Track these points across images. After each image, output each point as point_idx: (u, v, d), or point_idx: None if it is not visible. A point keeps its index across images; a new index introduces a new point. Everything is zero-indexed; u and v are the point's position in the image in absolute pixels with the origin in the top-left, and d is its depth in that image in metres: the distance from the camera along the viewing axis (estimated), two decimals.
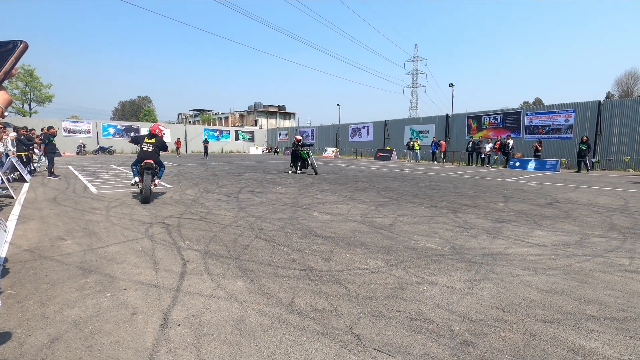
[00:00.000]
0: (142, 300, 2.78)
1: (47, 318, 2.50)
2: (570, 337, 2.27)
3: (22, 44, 0.49)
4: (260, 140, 46.46)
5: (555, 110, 19.51)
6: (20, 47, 0.49)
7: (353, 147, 32.84)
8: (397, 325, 2.43)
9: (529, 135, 20.62)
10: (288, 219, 5.71)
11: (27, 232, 4.88)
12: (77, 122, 34.20)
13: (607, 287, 3.10)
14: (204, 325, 2.41)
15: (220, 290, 2.98)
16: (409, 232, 4.96)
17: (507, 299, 2.83)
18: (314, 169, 13.49)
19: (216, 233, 4.83)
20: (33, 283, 3.13)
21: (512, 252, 4.11)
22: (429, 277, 3.30)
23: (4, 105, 0.50)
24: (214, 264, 3.63)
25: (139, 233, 4.83)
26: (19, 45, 0.49)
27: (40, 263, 3.65)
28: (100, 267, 3.54)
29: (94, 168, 16.23)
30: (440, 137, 24.95)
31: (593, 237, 4.77)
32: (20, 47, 0.49)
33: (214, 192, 8.69)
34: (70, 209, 6.58)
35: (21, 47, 0.49)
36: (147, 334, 2.30)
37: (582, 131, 18.34)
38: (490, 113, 22.96)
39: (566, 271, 3.48)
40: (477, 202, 7.54)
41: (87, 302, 2.76)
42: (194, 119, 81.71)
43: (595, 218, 6.02)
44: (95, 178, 11.94)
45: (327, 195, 8.42)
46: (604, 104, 17.99)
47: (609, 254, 4.06)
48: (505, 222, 5.64)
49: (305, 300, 2.80)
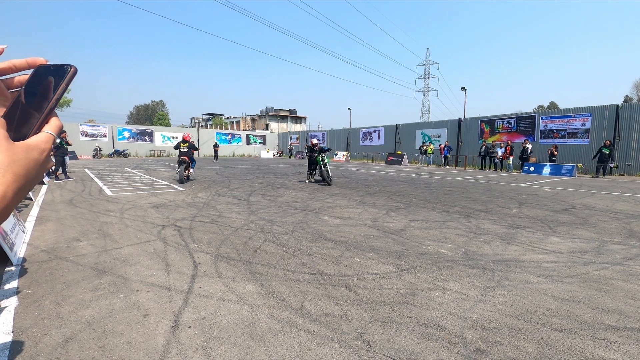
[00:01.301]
0: (154, 302, 2.81)
1: (62, 318, 2.55)
2: (588, 348, 2.20)
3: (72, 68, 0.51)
4: (272, 144, 46.75)
5: (572, 114, 19.11)
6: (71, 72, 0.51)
7: (364, 151, 32.75)
8: (408, 331, 2.39)
9: (544, 139, 20.22)
10: (298, 223, 5.71)
11: (45, 233, 5.00)
12: (94, 125, 35.03)
13: (627, 296, 3.00)
14: (214, 327, 2.42)
15: (230, 293, 2.99)
16: (420, 237, 4.90)
17: (521, 307, 2.77)
18: (326, 179, 11.22)
19: (227, 236, 4.86)
20: (49, 283, 3.20)
21: (526, 258, 4.02)
22: (440, 283, 3.25)
23: (55, 132, 0.52)
24: (224, 266, 3.65)
25: (152, 235, 4.90)
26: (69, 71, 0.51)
27: (57, 264, 3.73)
28: (114, 268, 3.60)
29: (109, 171, 16.57)
30: (452, 142, 24.68)
31: (612, 244, 4.63)
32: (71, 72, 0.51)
33: (225, 196, 8.76)
34: (86, 210, 6.72)
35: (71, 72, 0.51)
36: (158, 335, 2.32)
37: (599, 135, 17.91)
38: (503, 117, 22.62)
39: (583, 279, 3.38)
40: (490, 208, 7.42)
41: (101, 302, 2.81)
42: (206, 123, 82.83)
43: (613, 224, 5.84)
44: (110, 181, 12.18)
45: (338, 199, 8.40)
46: (622, 107, 17.54)
47: (628, 262, 3.93)
48: (520, 228, 5.52)
49: (315, 304, 2.79)
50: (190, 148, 11.61)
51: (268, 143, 46.69)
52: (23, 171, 0.46)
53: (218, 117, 79.72)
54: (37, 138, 0.49)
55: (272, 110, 71.81)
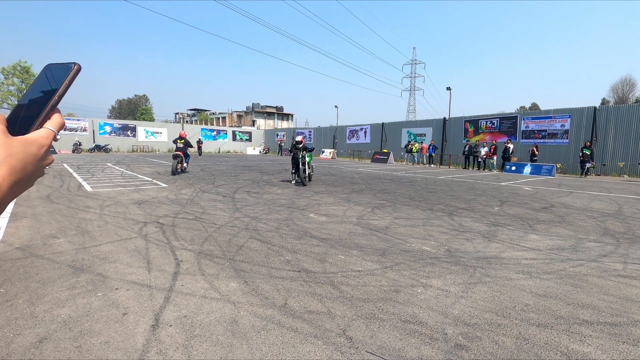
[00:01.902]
0: (134, 300, 2.75)
1: (36, 317, 2.46)
2: (563, 342, 2.27)
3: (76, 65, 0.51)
4: (258, 140, 46.40)
5: (552, 115, 19.65)
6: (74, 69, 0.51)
7: (350, 149, 32.87)
8: (391, 328, 2.41)
9: (525, 139, 20.74)
10: (283, 220, 5.69)
11: (19, 230, 4.82)
12: (73, 119, 33.97)
13: (601, 291, 3.11)
14: (195, 326, 2.39)
15: (213, 291, 2.95)
16: (404, 235, 4.95)
17: (501, 303, 2.83)
18: (302, 179, 10.45)
19: (211, 233, 4.80)
20: (23, 281, 3.09)
21: (506, 255, 4.11)
22: (423, 280, 3.29)
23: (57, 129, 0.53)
24: (207, 264, 3.60)
25: (133, 232, 4.79)
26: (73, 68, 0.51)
27: (32, 261, 3.60)
28: (92, 266, 3.50)
29: (90, 166, 16.12)
30: (437, 141, 25.03)
31: (587, 242, 4.79)
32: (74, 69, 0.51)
33: (209, 192, 8.65)
34: (64, 207, 6.51)
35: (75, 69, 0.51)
36: (137, 334, 2.27)
37: (577, 136, 18.49)
38: (487, 117, 23.07)
39: (560, 275, 3.48)
40: (473, 206, 7.56)
41: (78, 301, 2.73)
42: (191, 118, 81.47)
43: (589, 223, 6.05)
44: (91, 176, 11.85)
45: (324, 196, 8.40)
46: (600, 109, 18.14)
47: (602, 258, 4.07)
48: (501, 226, 5.65)
49: (298, 301, 2.78)
50: (185, 145, 13.45)
51: (254, 140, 46.30)
52: (20, 165, 0.46)
53: (203, 113, 78.51)
54: (37, 133, 0.50)
55: (259, 106, 71.20)
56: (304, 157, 10.51)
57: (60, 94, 0.52)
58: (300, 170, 10.46)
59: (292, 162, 10.95)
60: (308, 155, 10.79)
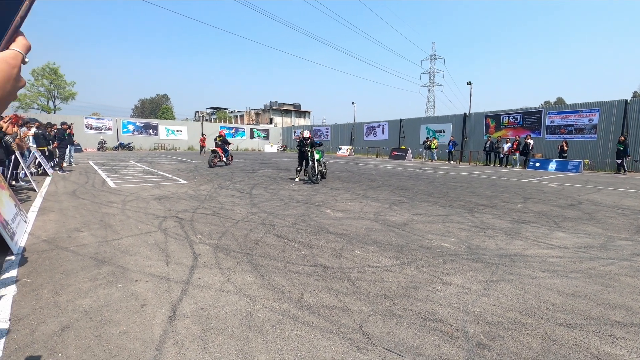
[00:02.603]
0: (152, 292, 2.79)
1: (59, 307, 2.53)
2: (593, 343, 2.14)
3: None
4: (275, 138, 46.67)
5: (579, 110, 18.82)
6: None
7: (368, 146, 32.59)
8: (409, 324, 2.35)
9: (550, 135, 19.97)
10: (300, 216, 5.67)
11: (46, 224, 5.00)
12: (98, 119, 35.13)
13: (634, 292, 2.93)
14: (212, 318, 2.39)
15: (229, 284, 2.96)
16: (423, 231, 4.84)
17: (525, 302, 2.71)
18: (310, 176, 9.87)
19: (228, 228, 4.83)
20: (48, 272, 3.19)
21: (531, 253, 3.95)
22: (443, 277, 3.20)
23: (23, 50, 0.55)
24: (224, 258, 3.62)
25: (153, 226, 4.89)
26: None
27: (57, 253, 3.72)
28: (114, 258, 3.58)
29: (113, 163, 16.62)
30: (457, 137, 24.47)
31: (618, 240, 4.54)
32: None
33: (227, 188, 8.74)
34: (89, 202, 6.72)
35: None
36: (155, 325, 2.29)
37: (607, 131, 17.65)
38: (509, 112, 22.35)
39: (589, 274, 3.31)
40: (495, 202, 7.33)
41: (99, 292, 2.79)
42: (210, 116, 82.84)
43: (620, 220, 5.74)
44: (114, 173, 12.21)
45: (340, 193, 8.34)
46: (631, 103, 17.24)
47: (635, 257, 3.85)
48: (524, 223, 5.44)
49: (314, 296, 2.75)
50: (222, 142, 15.84)
51: (272, 137, 46.59)
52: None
53: (222, 111, 79.68)
54: (4, 54, 0.52)
55: (276, 104, 71.60)
56: (313, 154, 9.94)
57: (22, 15, 0.53)
58: (309, 168, 9.94)
59: (299, 159, 10.52)
60: (317, 152, 10.17)
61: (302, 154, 10.32)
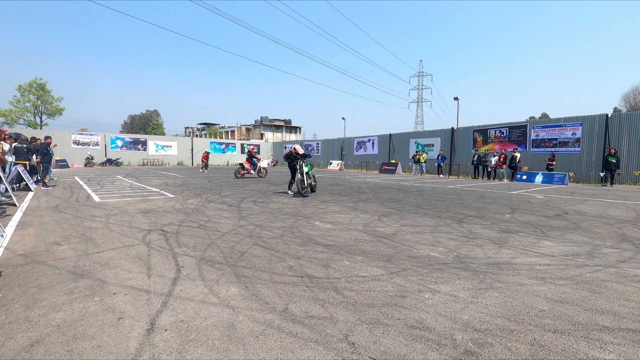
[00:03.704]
0: (131, 305, 2.67)
1: (30, 321, 2.40)
2: (582, 349, 2.11)
3: None
4: (266, 153, 46.66)
5: (562, 124, 19.33)
6: None
7: (358, 160, 32.78)
8: (396, 333, 2.28)
9: (536, 148, 20.40)
10: (288, 228, 5.60)
11: (24, 238, 4.83)
12: (86, 134, 34.73)
13: (621, 297, 2.92)
14: (192, 330, 2.29)
15: (212, 296, 2.86)
16: (411, 241, 4.81)
17: (513, 309, 2.68)
18: (299, 189, 9.77)
19: (214, 240, 4.73)
20: (22, 286, 3.04)
21: (519, 261, 3.94)
22: (431, 286, 3.15)
23: None
24: (208, 269, 3.52)
25: (136, 240, 4.75)
26: None
27: (32, 267, 3.57)
28: (93, 271, 3.45)
29: (100, 179, 16.33)
30: (445, 151, 24.80)
31: (604, 248, 4.57)
32: None
33: (215, 202, 8.62)
34: (71, 216, 6.54)
35: None
36: (131, 338, 2.19)
37: (590, 144, 18.10)
38: (496, 126, 22.82)
39: (576, 281, 3.30)
40: (483, 213, 7.36)
41: (74, 306, 2.66)
42: (200, 132, 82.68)
43: (606, 229, 5.81)
44: (100, 188, 11.97)
45: (330, 205, 8.30)
46: (612, 117, 17.79)
47: (621, 264, 3.87)
48: (512, 233, 5.46)
49: (300, 306, 2.67)
50: (249, 156, 18.14)
51: (263, 152, 46.57)
52: None
53: (213, 127, 79.67)
54: None
55: (267, 120, 71.96)
56: (301, 167, 9.92)
57: None
58: (297, 181, 9.89)
59: (291, 172, 10.47)
60: (306, 165, 10.16)
61: (292, 167, 10.31)
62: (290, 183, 10.78)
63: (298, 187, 9.86)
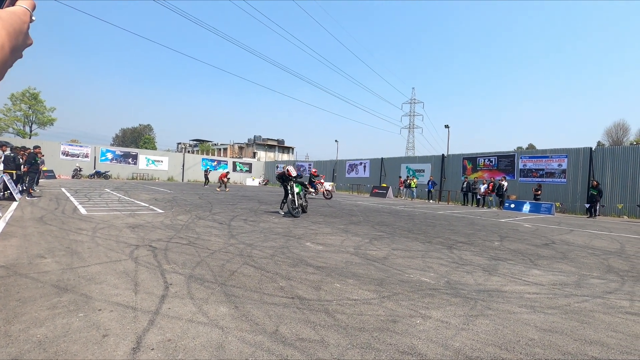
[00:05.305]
0: (116, 322, 2.60)
1: (10, 336, 2.31)
2: None
3: None
4: (258, 172, 46.64)
5: (549, 155, 19.90)
6: None
7: (349, 183, 32.97)
8: (387, 358, 2.26)
9: (523, 178, 20.87)
10: (279, 248, 5.55)
11: (7, 249, 4.68)
12: (76, 145, 34.34)
13: (609, 328, 2.95)
14: (179, 350, 2.23)
15: (201, 315, 2.80)
16: (402, 266, 4.81)
17: (504, 337, 2.68)
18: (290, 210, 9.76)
19: (204, 258, 4.66)
20: (2, 300, 2.94)
21: (508, 289, 3.96)
22: (422, 311, 3.14)
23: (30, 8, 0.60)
24: (197, 288, 3.45)
25: (124, 255, 4.65)
26: None
27: (14, 280, 3.46)
28: (77, 286, 3.35)
29: (87, 191, 16.04)
30: (436, 177, 25.16)
31: (591, 279, 4.64)
32: None
33: (206, 219, 8.53)
34: (56, 228, 6.38)
35: None
36: (116, 357, 2.12)
37: (575, 176, 18.61)
38: (485, 155, 23.37)
39: (565, 311, 3.33)
40: (473, 240, 7.43)
41: (57, 321, 2.57)
42: (193, 148, 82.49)
43: (592, 260, 5.91)
44: (87, 200, 11.75)
45: (321, 226, 8.28)
46: (596, 150, 18.41)
47: (608, 295, 3.92)
48: (501, 260, 5.51)
49: (290, 328, 2.63)
50: (310, 179, 18.59)
51: (254, 171, 46.55)
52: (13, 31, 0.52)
53: (205, 144, 79.65)
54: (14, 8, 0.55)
55: (260, 139, 72.37)
56: (292, 187, 9.94)
57: None
58: (288, 201, 9.84)
59: (285, 192, 10.32)
60: (297, 186, 10.20)
61: (285, 187, 10.24)
62: (282, 202, 10.68)
63: (289, 207, 9.84)
